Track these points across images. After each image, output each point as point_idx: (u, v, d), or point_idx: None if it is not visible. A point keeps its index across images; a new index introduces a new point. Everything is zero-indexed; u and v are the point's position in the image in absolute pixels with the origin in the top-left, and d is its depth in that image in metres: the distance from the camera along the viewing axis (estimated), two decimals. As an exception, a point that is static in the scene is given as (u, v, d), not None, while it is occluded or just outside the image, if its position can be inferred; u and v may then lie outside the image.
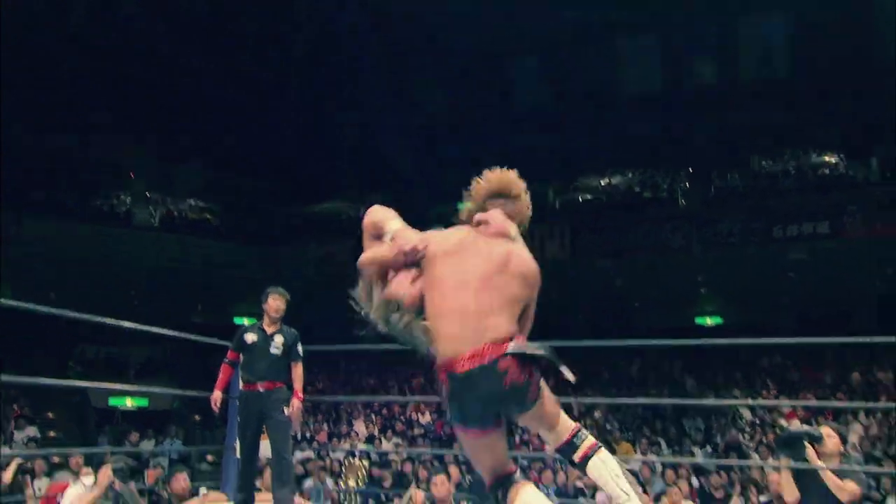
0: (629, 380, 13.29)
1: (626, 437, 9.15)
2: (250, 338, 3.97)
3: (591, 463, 1.82)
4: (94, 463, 10.14)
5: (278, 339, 3.96)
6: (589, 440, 1.85)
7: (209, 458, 7.12)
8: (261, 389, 3.86)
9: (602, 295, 12.58)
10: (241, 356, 4.02)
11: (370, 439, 9.61)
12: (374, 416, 11.23)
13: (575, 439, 1.82)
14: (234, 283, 17.16)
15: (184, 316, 19.18)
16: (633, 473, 5.80)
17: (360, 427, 10.65)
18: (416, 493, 4.24)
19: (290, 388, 4.09)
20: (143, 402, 17.05)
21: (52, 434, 12.86)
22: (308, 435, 10.19)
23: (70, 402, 14.95)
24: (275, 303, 4.00)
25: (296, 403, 3.96)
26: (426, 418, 10.98)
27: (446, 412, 1.81)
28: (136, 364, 17.97)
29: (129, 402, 16.73)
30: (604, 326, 11.78)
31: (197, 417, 15.90)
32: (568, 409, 1.90)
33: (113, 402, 15.94)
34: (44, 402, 13.79)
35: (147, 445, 11.37)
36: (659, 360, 14.28)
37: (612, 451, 8.12)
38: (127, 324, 4.16)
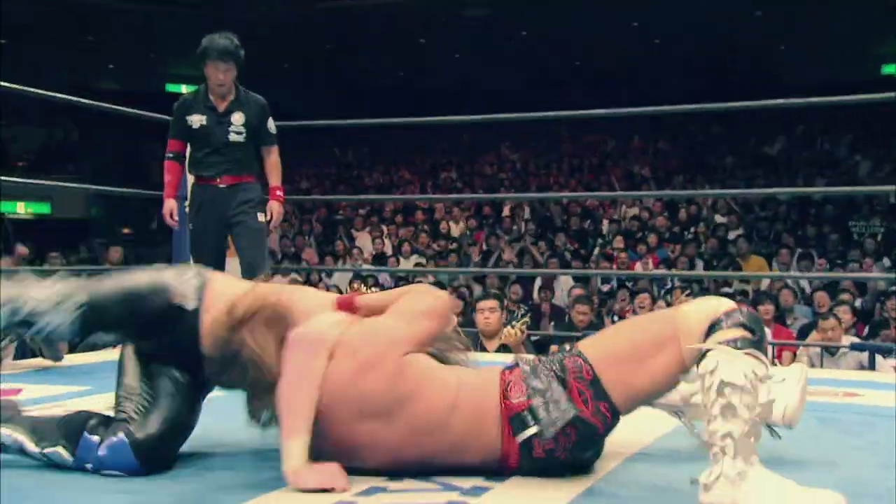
0: (767, 162, 13.47)
1: (758, 249, 9.49)
2: (196, 120, 3.98)
3: None
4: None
5: (237, 118, 3.98)
6: None
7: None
8: (221, 186, 3.95)
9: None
10: (188, 146, 4.05)
11: (380, 258, 10.15)
12: (384, 226, 11.76)
13: None
14: (164, 30, 17.13)
15: (87, 76, 19.56)
16: (768, 296, 6.07)
17: (364, 241, 11.20)
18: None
19: (263, 183, 4.09)
20: (44, 209, 18.05)
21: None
22: (292, 251, 10.80)
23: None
24: (215, 74, 3.93)
25: (274, 206, 4.04)
26: (459, 227, 11.47)
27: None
28: (25, 151, 18.70)
29: (23, 209, 17.72)
30: (715, 84, 11.68)
31: (126, 230, 16.91)
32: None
33: (-1, 207, 16.94)
34: None
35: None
36: (813, 132, 14.34)
37: (738, 268, 8.41)
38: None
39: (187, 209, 4.30)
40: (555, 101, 8.51)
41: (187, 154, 4.10)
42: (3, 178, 5.60)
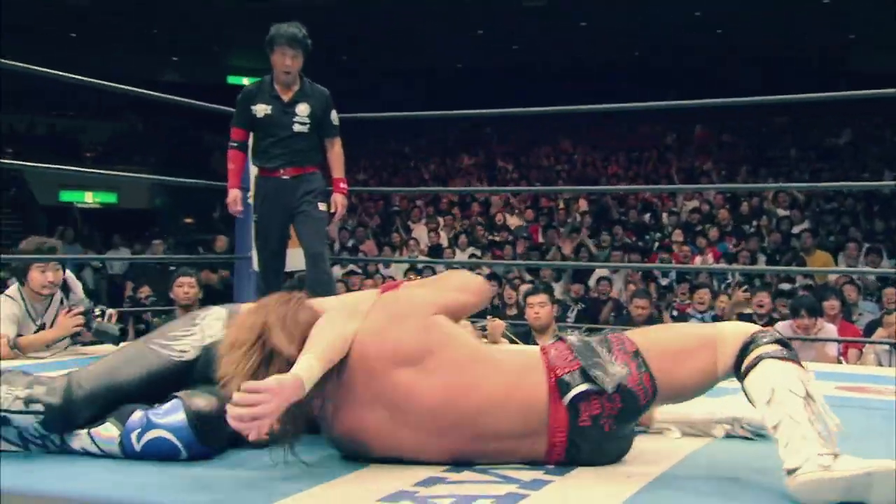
0: (833, 155, 13.13)
1: (822, 243, 9.26)
2: (261, 110, 3.97)
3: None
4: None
5: (302, 109, 3.97)
6: None
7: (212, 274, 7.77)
8: (285, 177, 3.94)
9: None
10: (252, 135, 4.06)
11: (435, 250, 10.18)
12: (440, 218, 11.78)
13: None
14: (225, 23, 17.42)
15: (156, 70, 19.99)
16: (833, 292, 5.91)
17: (420, 232, 11.25)
18: (495, 325, 4.36)
19: (326, 174, 4.07)
20: (111, 199, 18.51)
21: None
22: (350, 244, 10.90)
23: (3, 198, 16.45)
24: (282, 60, 3.92)
25: (338, 198, 4.05)
26: (516, 220, 11.43)
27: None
28: (93, 143, 19.20)
29: (90, 199, 18.20)
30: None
31: (189, 219, 17.26)
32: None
33: (66, 196, 17.36)
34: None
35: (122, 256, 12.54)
36: (881, 124, 13.91)
37: (802, 263, 8.24)
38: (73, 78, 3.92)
39: (250, 200, 4.36)
40: (614, 92, 8.43)
41: (249, 144, 4.12)
42: (72, 168, 5.75)
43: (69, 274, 3.92)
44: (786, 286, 7.78)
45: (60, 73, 3.89)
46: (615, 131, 16.04)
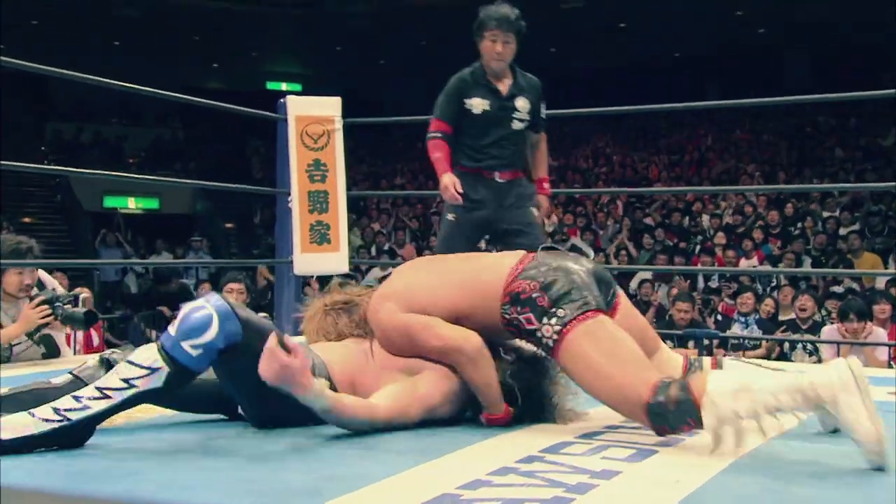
0: (879, 155, 12.86)
1: (871, 245, 9.08)
2: (478, 104, 3.59)
3: None
4: (96, 282, 11.45)
5: (521, 104, 3.62)
6: None
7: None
8: (500, 181, 3.56)
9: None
10: (460, 130, 3.62)
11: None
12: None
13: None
14: (264, 29, 17.62)
15: (197, 77, 20.28)
16: (884, 295, 5.77)
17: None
18: None
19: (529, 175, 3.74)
20: (153, 204, 18.79)
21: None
22: (387, 247, 10.95)
23: (50, 203, 16.78)
24: (493, 46, 3.52)
25: (543, 200, 3.72)
26: (553, 221, 11.40)
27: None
28: (136, 150, 19.51)
29: (133, 204, 18.49)
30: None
31: (229, 224, 17.47)
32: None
33: (109, 202, 17.67)
34: (15, 202, 15.56)
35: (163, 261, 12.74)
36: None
37: (850, 265, 8.09)
38: (110, 83, 3.97)
39: (290, 204, 4.38)
40: (653, 93, 8.36)
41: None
42: (117, 174, 5.85)
43: (42, 273, 3.75)
44: (834, 289, 7.65)
45: (106, 80, 3.97)
46: (655, 132, 15.90)
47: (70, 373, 2.13)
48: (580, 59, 17.93)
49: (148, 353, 1.91)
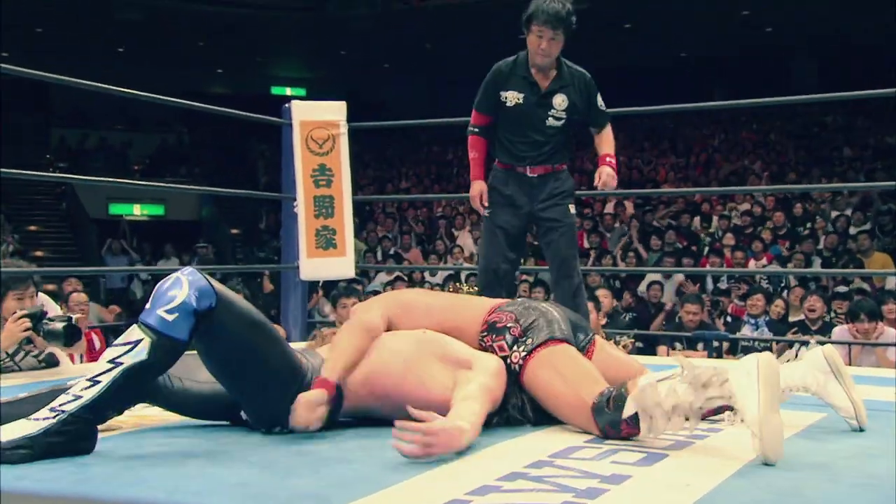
0: (888, 154, 12.81)
1: (882, 245, 9.05)
2: (512, 97, 3.53)
3: None
4: (102, 290, 11.44)
5: (558, 101, 3.54)
6: None
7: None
8: (531, 175, 3.51)
9: None
10: (497, 122, 3.56)
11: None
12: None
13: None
14: (268, 34, 17.65)
15: (201, 82, 20.32)
16: (893, 295, 5.74)
17: (465, 239, 11.25)
18: None
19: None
20: (158, 210, 18.83)
21: (38, 253, 14.73)
22: (392, 251, 10.95)
23: (56, 211, 16.83)
24: (538, 41, 3.41)
25: (604, 169, 3.58)
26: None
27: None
28: (141, 156, 19.56)
29: (139, 211, 18.54)
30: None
31: (235, 230, 17.48)
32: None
33: (115, 209, 17.72)
34: (21, 210, 15.61)
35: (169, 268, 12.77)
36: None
37: (860, 265, 8.06)
38: (115, 90, 3.97)
39: (295, 209, 4.39)
40: (658, 93, 8.36)
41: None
42: (122, 181, 5.86)
43: (42, 296, 3.72)
44: (842, 289, 7.62)
45: (110, 86, 3.98)
46: (661, 134, 15.88)
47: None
48: (585, 59, 17.80)
49: (129, 331, 1.96)
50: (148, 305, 1.97)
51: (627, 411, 2.01)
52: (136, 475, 1.77)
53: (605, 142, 3.67)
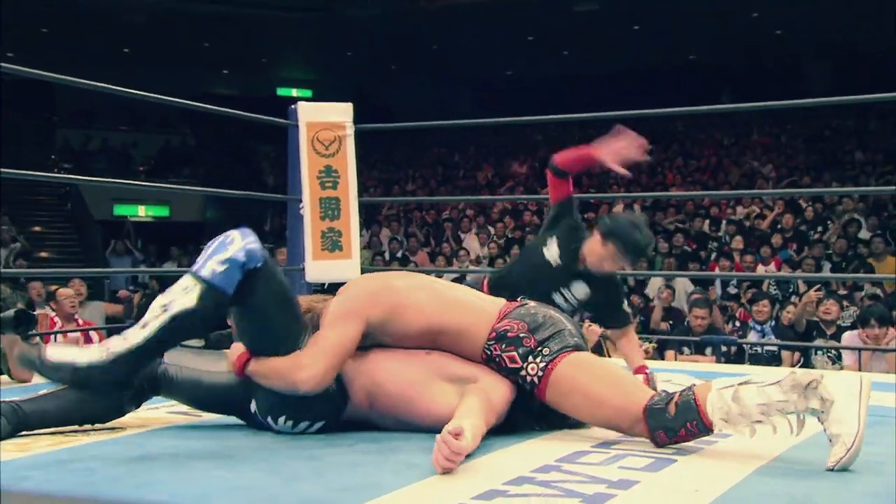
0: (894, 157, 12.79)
1: (894, 249, 9.02)
2: (553, 252, 3.10)
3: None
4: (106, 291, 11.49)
5: (579, 290, 3.14)
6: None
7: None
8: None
9: None
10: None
11: (487, 261, 10.17)
12: (491, 227, 11.77)
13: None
14: (274, 35, 17.67)
15: (206, 83, 20.36)
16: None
17: (471, 242, 11.24)
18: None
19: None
20: (163, 212, 18.88)
21: (43, 254, 14.78)
22: (400, 254, 10.95)
23: (60, 212, 16.87)
24: (612, 265, 3.00)
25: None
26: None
27: None
28: (145, 157, 19.61)
29: (143, 212, 18.59)
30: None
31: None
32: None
33: (120, 210, 17.77)
34: (25, 211, 15.66)
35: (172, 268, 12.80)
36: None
37: (870, 270, 7.99)
38: (125, 92, 3.95)
39: (301, 211, 4.40)
40: (668, 96, 8.36)
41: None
42: (126, 182, 5.88)
43: None
44: (856, 293, 7.60)
45: (114, 87, 3.99)
46: (670, 137, 15.86)
47: None
48: (594, 62, 17.92)
49: (180, 280, 2.07)
50: (200, 258, 2.09)
51: (717, 425, 1.96)
52: (142, 477, 1.77)
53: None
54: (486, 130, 17.54)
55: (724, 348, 5.48)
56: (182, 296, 2.02)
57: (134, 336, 2.00)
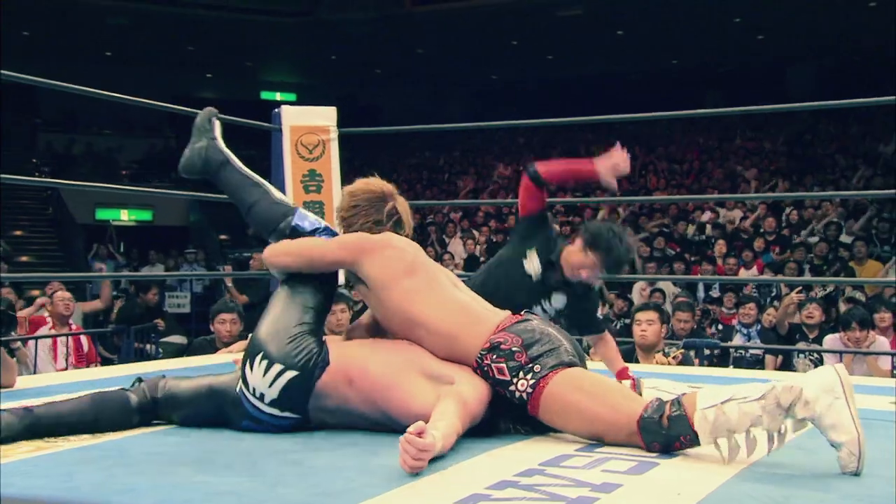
0: (881, 162, 12.90)
1: (875, 253, 9.10)
2: (535, 265, 3.07)
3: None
4: (88, 295, 11.44)
5: (557, 299, 3.13)
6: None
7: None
8: None
9: None
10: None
11: (471, 261, 10.17)
12: (475, 231, 11.78)
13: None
14: (259, 39, 17.63)
15: (190, 87, 20.29)
16: (885, 303, 5.74)
17: (456, 246, 11.25)
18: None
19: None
20: (146, 216, 18.80)
21: (24, 258, 14.68)
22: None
23: (42, 216, 16.76)
24: (588, 273, 2.99)
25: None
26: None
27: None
28: (129, 161, 19.53)
29: (126, 216, 18.50)
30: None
31: (223, 236, 17.47)
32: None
33: (102, 214, 17.69)
34: (7, 215, 15.54)
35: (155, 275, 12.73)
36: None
37: (851, 273, 8.07)
38: (109, 96, 3.98)
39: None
40: (651, 100, 8.38)
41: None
42: (109, 186, 5.86)
43: None
44: (816, 292, 7.65)
45: (97, 91, 3.97)
46: (654, 141, 15.94)
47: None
48: (578, 66, 18.01)
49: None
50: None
51: (703, 440, 1.97)
52: (124, 483, 1.76)
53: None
54: (471, 134, 17.57)
55: (707, 352, 5.50)
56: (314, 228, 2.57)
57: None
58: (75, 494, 1.68)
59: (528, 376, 2.19)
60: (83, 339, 5.92)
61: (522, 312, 2.42)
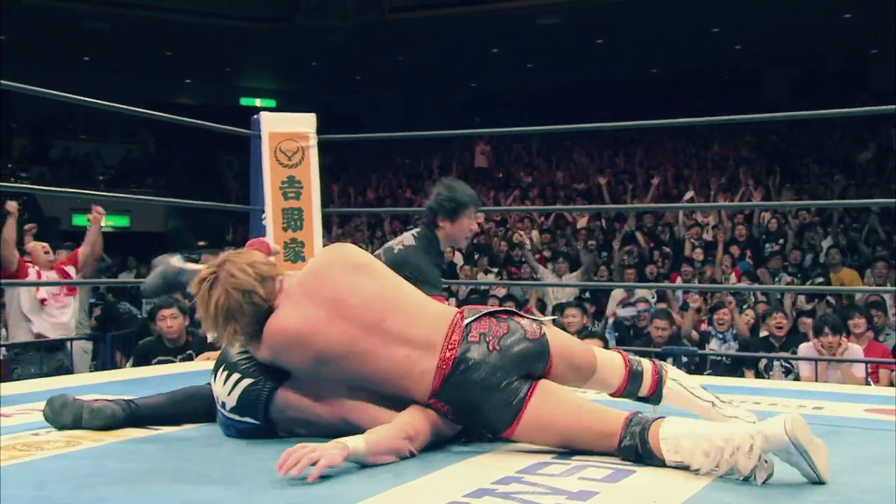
0: (856, 171, 13.04)
1: (850, 261, 9.20)
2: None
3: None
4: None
5: None
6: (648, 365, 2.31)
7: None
8: None
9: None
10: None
11: (451, 268, 10.17)
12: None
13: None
14: (238, 45, 17.58)
15: (169, 92, 20.18)
16: (858, 310, 5.82)
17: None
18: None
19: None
20: (123, 222, 18.65)
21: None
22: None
23: (18, 222, 16.54)
24: (472, 223, 3.51)
25: None
26: (532, 237, 11.43)
27: None
28: (106, 166, 19.37)
29: (102, 222, 18.33)
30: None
31: (202, 242, 17.38)
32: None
33: (78, 220, 17.54)
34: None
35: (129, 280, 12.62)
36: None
37: (827, 280, 8.13)
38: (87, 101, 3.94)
39: (264, 221, 4.38)
40: (630, 109, 8.46)
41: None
42: (85, 192, 5.80)
43: None
44: (808, 307, 7.72)
45: (74, 96, 3.94)
46: (632, 149, 16.04)
47: None
48: (557, 75, 18.10)
49: None
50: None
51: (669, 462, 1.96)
52: (97, 493, 1.75)
53: None
54: (451, 140, 17.59)
55: (685, 359, 5.53)
56: None
57: None
58: (48, 504, 1.67)
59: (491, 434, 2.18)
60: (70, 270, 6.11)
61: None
